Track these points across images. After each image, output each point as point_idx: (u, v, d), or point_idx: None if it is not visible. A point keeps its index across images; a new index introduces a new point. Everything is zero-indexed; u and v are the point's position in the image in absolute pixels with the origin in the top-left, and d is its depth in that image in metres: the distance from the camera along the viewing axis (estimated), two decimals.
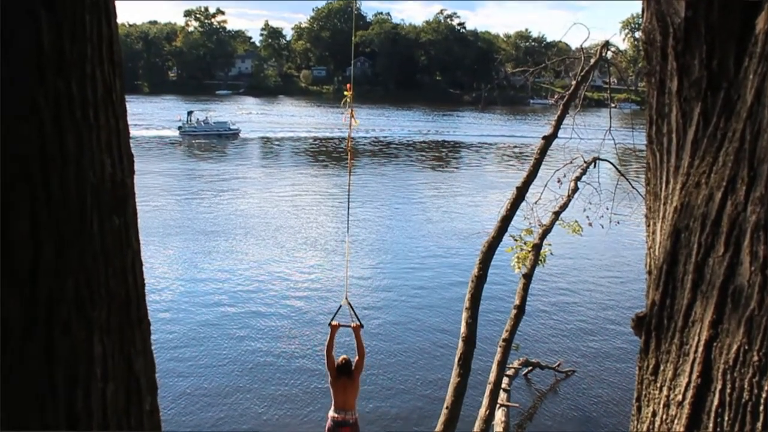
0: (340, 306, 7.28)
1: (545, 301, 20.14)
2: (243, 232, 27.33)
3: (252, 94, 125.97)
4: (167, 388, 13.49)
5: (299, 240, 26.43)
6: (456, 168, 50.68)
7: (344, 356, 7.38)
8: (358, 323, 7.19)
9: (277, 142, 61.75)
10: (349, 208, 8.76)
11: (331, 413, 7.22)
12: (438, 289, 21.08)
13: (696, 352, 1.33)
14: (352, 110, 7.15)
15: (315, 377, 14.39)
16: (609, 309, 19.77)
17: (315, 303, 19.26)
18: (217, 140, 60.43)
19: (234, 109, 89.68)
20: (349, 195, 8.78)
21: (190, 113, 64.08)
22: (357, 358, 7.22)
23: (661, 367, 1.44)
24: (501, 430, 12.34)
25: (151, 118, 73.89)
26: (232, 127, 64.12)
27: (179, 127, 62.41)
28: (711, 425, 1.28)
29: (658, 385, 1.44)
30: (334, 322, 7.25)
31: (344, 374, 7.18)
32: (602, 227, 11.05)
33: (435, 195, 37.70)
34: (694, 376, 1.33)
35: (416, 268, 23.32)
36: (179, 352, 15.80)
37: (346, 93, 7.29)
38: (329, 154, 55.12)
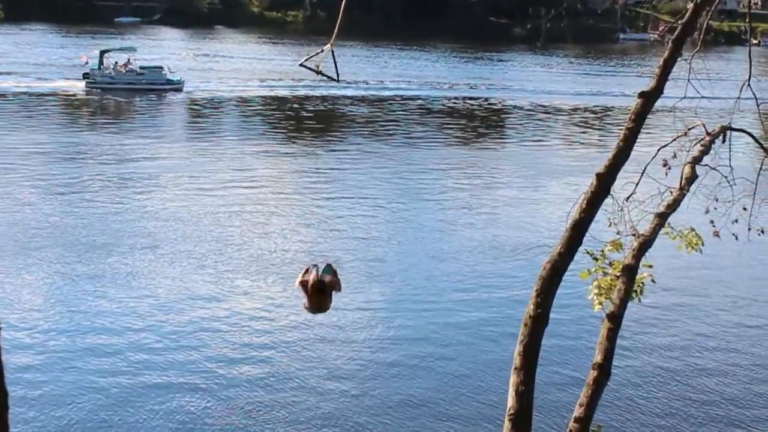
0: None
1: (642, 357, 20.11)
2: (154, 246, 27.27)
3: (173, 23, 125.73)
4: None
5: (246, 259, 26.39)
6: (499, 143, 50.77)
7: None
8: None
9: (215, 103, 61.67)
10: None
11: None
12: (471, 338, 21.07)
13: None
14: None
15: None
16: (748, 372, 19.73)
17: (270, 368, 19.18)
18: (145, 98, 60.10)
19: (145, 49, 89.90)
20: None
21: (103, 53, 63.18)
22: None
23: None
24: None
25: (14, 61, 73.93)
26: (171, 77, 63.83)
27: (85, 75, 62.25)
28: None
29: None
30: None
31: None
32: (736, 239, 10.98)
33: (465, 187, 37.70)
34: None
35: (435, 307, 23.22)
36: None
37: None
38: (296, 122, 55.12)
